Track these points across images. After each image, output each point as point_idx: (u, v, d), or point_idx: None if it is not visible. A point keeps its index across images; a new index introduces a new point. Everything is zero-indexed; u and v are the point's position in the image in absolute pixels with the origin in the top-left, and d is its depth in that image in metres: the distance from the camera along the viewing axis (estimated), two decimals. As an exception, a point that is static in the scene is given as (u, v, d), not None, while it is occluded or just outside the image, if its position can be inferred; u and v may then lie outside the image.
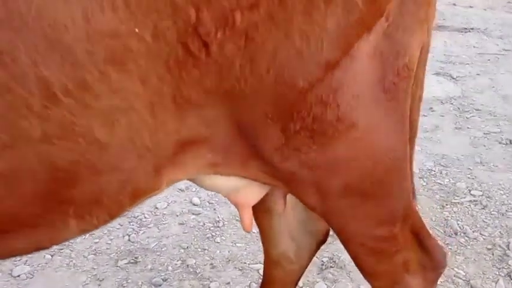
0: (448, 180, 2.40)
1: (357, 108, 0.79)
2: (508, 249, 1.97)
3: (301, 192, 0.87)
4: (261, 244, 1.34)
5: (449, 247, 1.95)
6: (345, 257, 1.84)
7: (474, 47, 4.91)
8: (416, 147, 2.72)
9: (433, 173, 2.46)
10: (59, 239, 0.79)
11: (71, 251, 1.93)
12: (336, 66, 0.75)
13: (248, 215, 1.01)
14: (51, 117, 0.62)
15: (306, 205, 0.90)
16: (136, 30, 0.63)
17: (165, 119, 0.71)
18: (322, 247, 1.33)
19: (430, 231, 2.01)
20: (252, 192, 0.95)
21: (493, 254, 1.93)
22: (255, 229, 1.28)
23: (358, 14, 0.72)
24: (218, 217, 2.11)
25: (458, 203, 2.22)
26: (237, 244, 1.97)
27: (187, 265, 1.88)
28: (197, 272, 1.85)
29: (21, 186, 0.65)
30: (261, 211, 1.18)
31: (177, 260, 1.91)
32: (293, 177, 0.84)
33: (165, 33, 0.65)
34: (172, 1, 0.63)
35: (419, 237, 0.99)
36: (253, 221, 1.11)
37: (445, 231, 2.04)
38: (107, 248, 1.97)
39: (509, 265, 1.89)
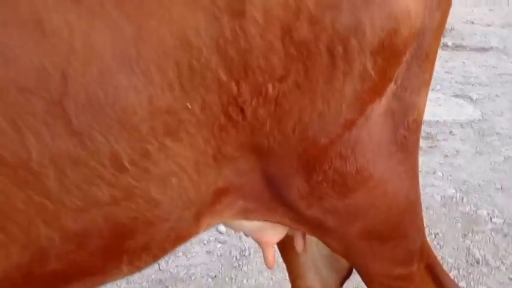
0: (469, 208, 2.44)
1: (373, 160, 0.88)
2: (530, 278, 2.00)
3: (324, 236, 0.95)
4: (286, 273, 1.41)
5: (471, 276, 1.99)
6: None
7: (493, 67, 4.94)
8: (438, 173, 2.79)
9: (455, 200, 2.50)
10: (110, 281, 0.89)
11: (105, 280, 2.03)
12: (353, 125, 0.84)
13: (271, 252, 1.09)
14: (118, 184, 0.73)
15: (328, 246, 0.98)
16: (189, 105, 0.73)
17: (207, 174, 0.81)
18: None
19: (452, 260, 2.07)
20: (275, 233, 1.03)
21: (515, 283, 1.97)
22: (280, 258, 1.36)
23: (371, 82, 0.81)
24: (244, 246, 2.19)
25: (480, 231, 2.26)
26: (263, 273, 2.05)
27: (216, 294, 1.97)
28: (225, 301, 1.93)
29: (89, 242, 0.75)
30: (285, 247, 1.27)
31: (206, 289, 1.99)
32: (316, 223, 0.92)
33: (211, 105, 0.75)
34: (218, 78, 0.74)
35: (434, 273, 1.05)
36: (277, 251, 1.19)
37: (467, 260, 2.08)
38: (139, 277, 2.06)
39: (532, 294, 1.92)
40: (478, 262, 2.06)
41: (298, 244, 1.12)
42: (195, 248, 2.22)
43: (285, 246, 1.27)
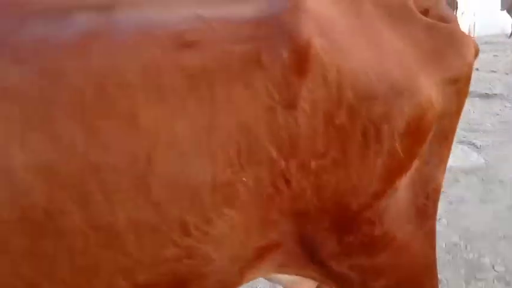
0: (472, 255, 2.55)
1: (396, 225, 1.00)
2: (531, 326, 2.09)
3: (350, 290, 1.08)
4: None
5: (475, 323, 2.09)
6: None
7: (497, 114, 5.09)
8: (443, 220, 2.90)
9: (459, 247, 2.61)
10: None
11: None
12: (382, 196, 0.96)
13: (301, 301, 1.21)
14: (183, 245, 0.86)
15: (353, 300, 1.10)
16: (244, 179, 0.86)
17: (253, 235, 0.93)
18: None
19: (456, 307, 2.16)
20: (307, 285, 1.15)
21: (516, 332, 2.06)
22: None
23: (399, 160, 0.95)
24: (257, 287, 2.29)
25: (483, 278, 2.36)
26: (276, 312, 2.14)
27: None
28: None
29: None
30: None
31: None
32: (344, 278, 1.04)
33: (263, 178, 0.88)
34: (270, 157, 0.87)
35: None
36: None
37: (470, 308, 2.18)
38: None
39: None
40: (481, 311, 2.16)
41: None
42: None
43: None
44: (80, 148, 0.79)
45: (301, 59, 0.86)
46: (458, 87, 1.02)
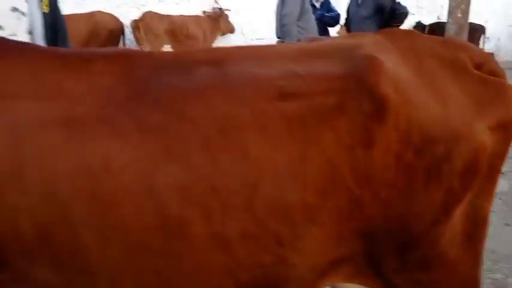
0: (499, 275, 2.69)
1: (450, 247, 1.19)
2: None
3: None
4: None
5: None
6: None
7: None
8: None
9: (485, 267, 2.75)
10: None
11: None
12: (439, 224, 1.15)
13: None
14: (276, 254, 1.06)
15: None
16: (327, 203, 1.07)
17: (329, 249, 1.12)
18: None
19: (485, 325, 2.31)
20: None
21: None
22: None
23: (456, 194, 1.13)
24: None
25: (509, 298, 2.50)
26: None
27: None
28: None
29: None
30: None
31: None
32: (402, 290, 1.23)
33: (341, 203, 1.08)
34: (348, 186, 1.07)
35: None
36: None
37: (498, 326, 2.32)
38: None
39: None
40: (508, 329, 2.30)
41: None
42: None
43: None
44: (206, 174, 1.00)
45: (379, 109, 1.06)
46: (506, 132, 1.20)
